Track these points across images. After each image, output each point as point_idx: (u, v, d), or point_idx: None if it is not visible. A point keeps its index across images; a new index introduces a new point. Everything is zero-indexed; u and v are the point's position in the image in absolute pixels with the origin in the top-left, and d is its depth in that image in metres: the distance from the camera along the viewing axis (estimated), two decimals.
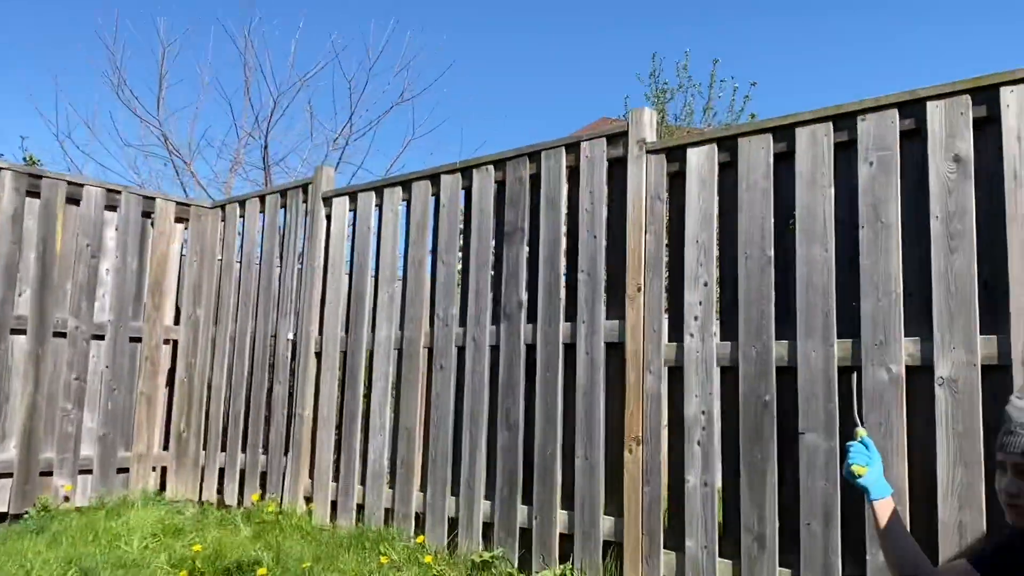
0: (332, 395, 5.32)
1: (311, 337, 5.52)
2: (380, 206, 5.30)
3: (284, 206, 6.01)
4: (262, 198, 6.20)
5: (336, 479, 5.16)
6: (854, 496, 3.26)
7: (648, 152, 4.05)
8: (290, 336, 5.67)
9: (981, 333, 3.05)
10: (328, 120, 21.51)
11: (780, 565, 3.39)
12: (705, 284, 3.78)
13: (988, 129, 3.16)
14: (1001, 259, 3.05)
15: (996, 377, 2.99)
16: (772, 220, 3.61)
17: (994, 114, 3.13)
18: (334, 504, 5.13)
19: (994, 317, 3.06)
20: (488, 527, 4.38)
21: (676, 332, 3.88)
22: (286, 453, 5.49)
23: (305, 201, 5.79)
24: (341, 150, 12.36)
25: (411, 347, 4.91)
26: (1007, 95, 3.10)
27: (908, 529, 3.01)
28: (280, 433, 5.56)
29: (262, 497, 5.54)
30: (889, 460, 3.16)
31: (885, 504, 2.41)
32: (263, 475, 5.65)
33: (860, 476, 2.37)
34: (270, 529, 4.91)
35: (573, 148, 4.36)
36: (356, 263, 5.36)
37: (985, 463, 2.97)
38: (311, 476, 5.31)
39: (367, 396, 5.14)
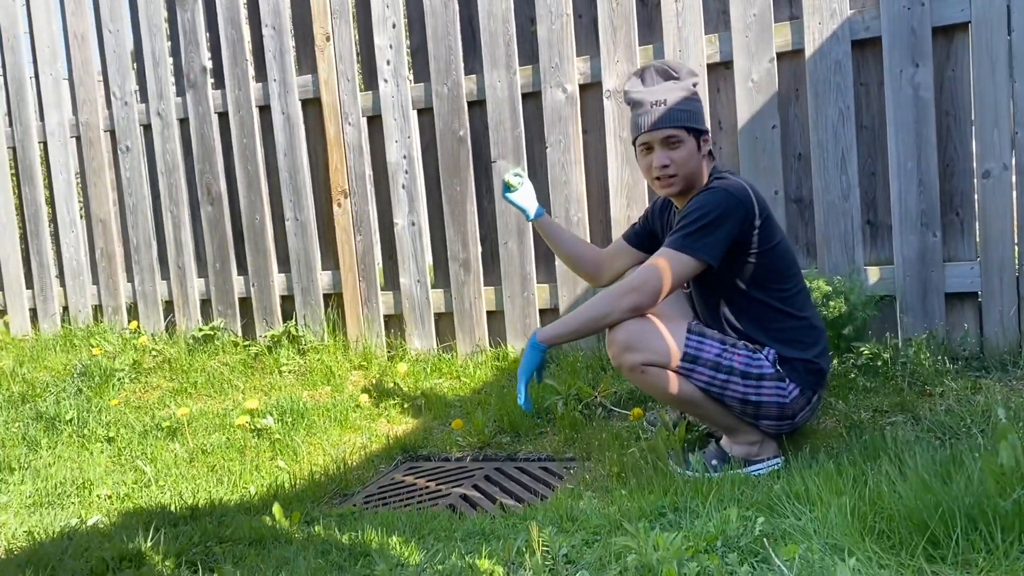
0: (7, 197, 4.77)
1: None
2: None
3: None
4: None
5: (31, 285, 4.75)
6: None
7: None
8: None
9: (639, 44, 3.33)
10: None
11: (485, 284, 3.68)
12: (394, 26, 3.73)
13: None
14: None
15: None
16: None
17: None
18: (34, 312, 4.76)
19: (650, 28, 3.34)
20: (206, 303, 4.31)
21: (371, 79, 3.85)
22: None
23: None
24: None
25: (90, 132, 4.47)
26: None
27: (578, 231, 3.38)
28: None
29: None
30: (569, 173, 3.46)
31: (543, 221, 2.70)
32: None
33: (513, 193, 2.64)
34: None
35: None
36: (6, 44, 4.66)
37: None
38: (1, 288, 4.85)
39: (49, 192, 4.68)
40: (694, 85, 2.31)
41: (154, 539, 1.88)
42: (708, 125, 2.37)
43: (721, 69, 3.26)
